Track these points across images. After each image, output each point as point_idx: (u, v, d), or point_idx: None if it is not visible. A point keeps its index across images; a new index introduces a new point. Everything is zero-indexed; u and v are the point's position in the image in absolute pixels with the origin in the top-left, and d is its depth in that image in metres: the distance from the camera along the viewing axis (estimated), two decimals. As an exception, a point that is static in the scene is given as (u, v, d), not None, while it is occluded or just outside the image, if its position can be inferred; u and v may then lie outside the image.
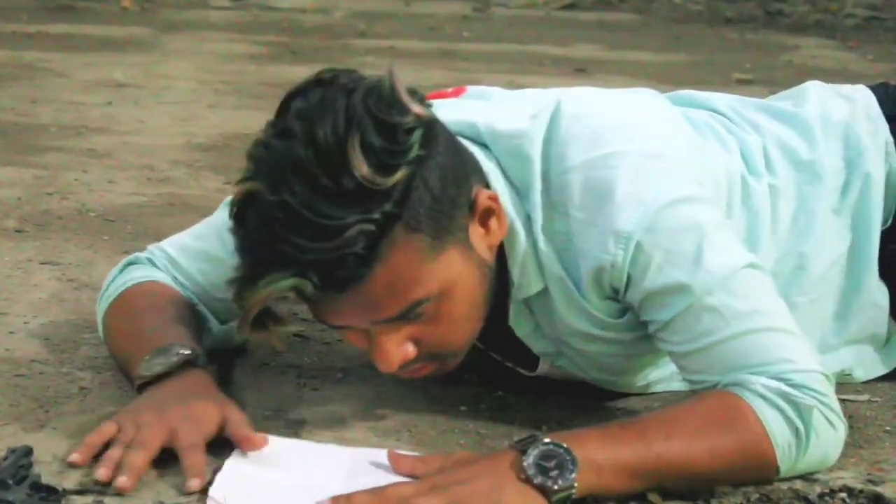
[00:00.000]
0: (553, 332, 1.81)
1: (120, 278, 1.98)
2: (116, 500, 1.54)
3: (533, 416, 1.88)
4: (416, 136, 1.55)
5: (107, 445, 1.64)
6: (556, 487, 1.51)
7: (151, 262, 1.99)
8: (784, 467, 1.63)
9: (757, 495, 1.64)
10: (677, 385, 1.92)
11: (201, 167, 3.60)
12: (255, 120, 1.98)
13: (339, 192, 1.52)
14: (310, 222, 1.51)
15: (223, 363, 1.98)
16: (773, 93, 2.20)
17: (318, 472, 1.62)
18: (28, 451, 1.61)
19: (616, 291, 1.72)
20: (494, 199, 1.69)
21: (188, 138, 4.08)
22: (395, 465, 1.61)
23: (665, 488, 1.61)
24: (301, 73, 1.70)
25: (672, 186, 1.71)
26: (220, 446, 1.67)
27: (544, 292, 1.77)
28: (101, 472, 1.58)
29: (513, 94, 1.94)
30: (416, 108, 1.57)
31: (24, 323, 2.24)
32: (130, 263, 2.01)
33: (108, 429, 1.67)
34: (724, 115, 2.01)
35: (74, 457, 1.63)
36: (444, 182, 1.60)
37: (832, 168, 1.96)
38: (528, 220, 1.74)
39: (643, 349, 1.82)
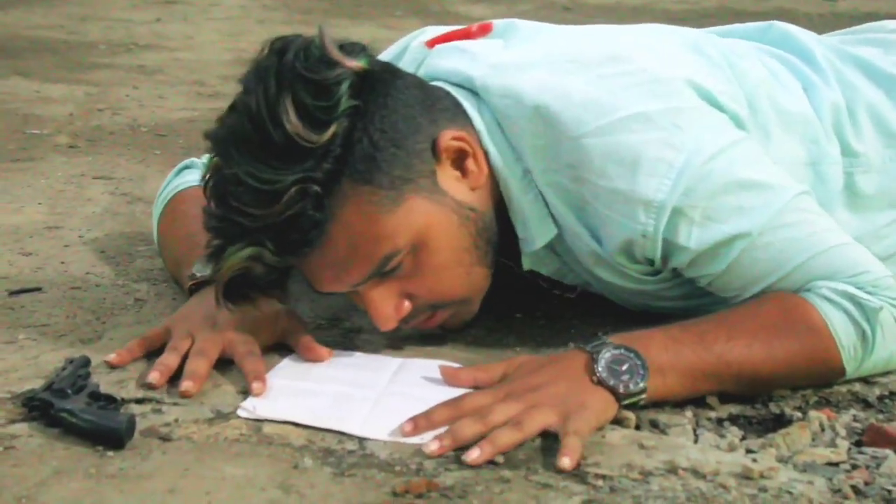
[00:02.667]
0: (581, 270, 1.78)
1: (175, 181, 1.99)
2: (175, 408, 1.54)
3: (589, 322, 1.86)
4: (344, 87, 1.54)
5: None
6: (628, 391, 1.51)
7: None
8: (850, 368, 1.61)
9: (816, 398, 1.63)
10: None
11: (251, 81, 3.58)
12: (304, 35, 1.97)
13: (277, 156, 1.52)
14: (254, 190, 1.51)
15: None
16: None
17: (357, 382, 1.61)
18: (86, 362, 1.62)
19: (651, 261, 1.67)
20: (462, 138, 1.65)
21: (237, 53, 4.07)
22: (453, 380, 1.59)
23: (729, 391, 1.60)
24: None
25: (702, 142, 1.62)
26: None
27: (563, 238, 1.73)
28: (154, 376, 1.59)
29: (537, 33, 1.84)
30: (348, 62, 1.55)
31: (79, 236, 2.26)
32: (186, 167, 2.01)
33: (154, 336, 1.69)
34: (811, 63, 1.89)
35: (112, 357, 1.65)
36: (393, 130, 1.58)
37: None
38: (525, 175, 1.69)
39: (677, 294, 1.77)
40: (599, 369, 1.51)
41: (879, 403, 1.63)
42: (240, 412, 1.53)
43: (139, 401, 1.56)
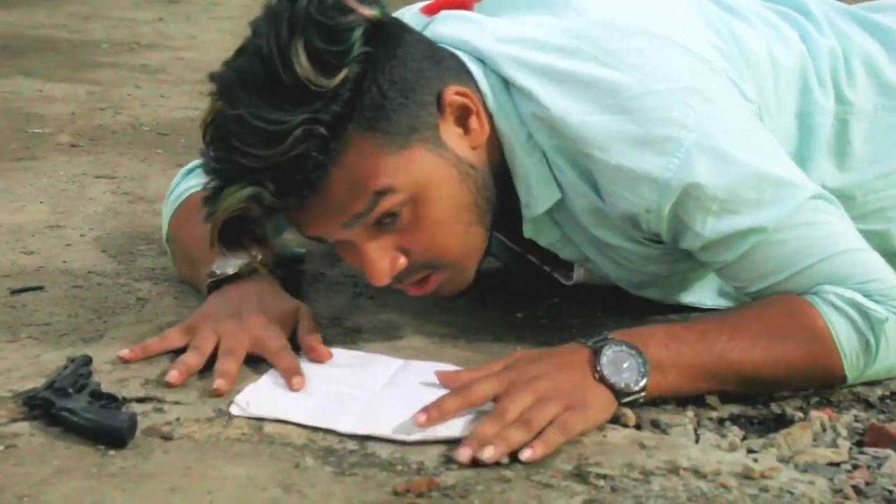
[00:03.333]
0: (581, 239, 1.78)
1: (188, 181, 1.98)
2: (176, 407, 1.54)
3: (590, 323, 1.87)
4: (357, 34, 1.54)
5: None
6: (629, 389, 1.51)
7: None
8: (851, 376, 1.61)
9: (817, 398, 1.63)
10: (725, 303, 1.90)
11: (253, 81, 3.58)
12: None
13: (286, 97, 1.52)
14: (259, 130, 1.52)
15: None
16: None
17: (353, 382, 1.61)
18: (87, 361, 1.62)
19: (656, 234, 1.67)
20: (465, 94, 1.65)
21: (240, 53, 4.07)
22: (454, 383, 1.56)
23: (729, 391, 1.60)
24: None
25: (715, 124, 1.60)
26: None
27: (564, 203, 1.73)
28: (174, 375, 1.59)
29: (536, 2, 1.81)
30: (362, 10, 1.55)
31: (81, 235, 2.26)
32: (193, 169, 2.01)
33: (175, 337, 1.68)
34: (807, 15, 1.90)
35: (125, 352, 1.66)
36: (402, 80, 1.58)
37: None
38: (529, 139, 1.69)
39: (683, 268, 1.78)
40: (602, 366, 1.51)
41: (881, 404, 1.63)
42: (232, 409, 1.53)
43: (140, 400, 1.56)
